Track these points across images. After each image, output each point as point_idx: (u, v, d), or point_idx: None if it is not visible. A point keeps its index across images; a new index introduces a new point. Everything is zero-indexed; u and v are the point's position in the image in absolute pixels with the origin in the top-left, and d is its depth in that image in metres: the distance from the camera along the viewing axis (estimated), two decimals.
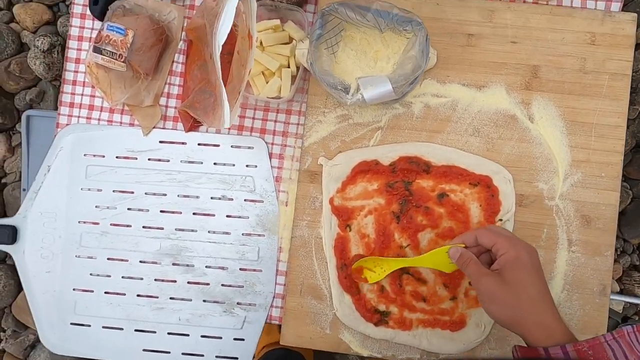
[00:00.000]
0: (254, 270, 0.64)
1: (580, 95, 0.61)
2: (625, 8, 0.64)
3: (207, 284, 0.64)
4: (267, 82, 0.61)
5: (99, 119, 0.66)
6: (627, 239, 1.32)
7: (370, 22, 0.56)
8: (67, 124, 0.67)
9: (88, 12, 0.64)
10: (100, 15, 0.64)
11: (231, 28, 0.54)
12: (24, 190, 1.02)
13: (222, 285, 0.64)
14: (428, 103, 0.62)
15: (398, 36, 0.59)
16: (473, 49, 0.62)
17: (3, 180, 1.37)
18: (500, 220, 0.59)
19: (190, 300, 0.65)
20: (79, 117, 0.67)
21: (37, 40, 1.30)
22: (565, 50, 0.61)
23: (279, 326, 0.63)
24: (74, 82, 0.67)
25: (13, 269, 1.32)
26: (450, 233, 0.59)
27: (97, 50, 0.59)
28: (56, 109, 1.43)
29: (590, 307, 0.59)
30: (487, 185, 0.60)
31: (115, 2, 0.63)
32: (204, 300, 0.64)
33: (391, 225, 0.60)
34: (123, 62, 0.59)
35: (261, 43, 0.60)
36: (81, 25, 0.66)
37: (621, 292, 1.33)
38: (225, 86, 0.53)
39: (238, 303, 0.64)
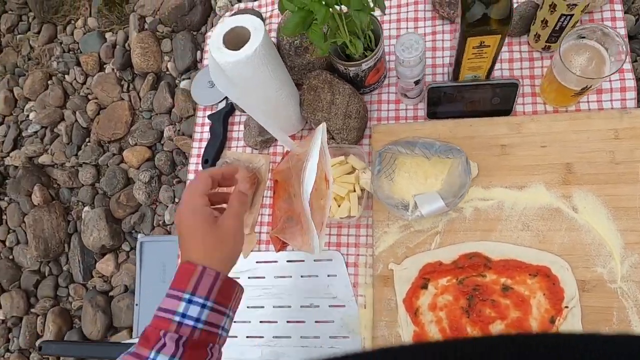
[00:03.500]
0: None
1: (617, 183, 0.67)
2: None
3: None
4: (339, 206, 0.75)
5: None
6: None
7: (418, 154, 0.70)
8: None
9: (200, 168, 0.86)
10: None
11: None
12: (137, 305, 1.21)
13: None
14: (477, 206, 0.72)
15: (442, 158, 0.72)
16: (508, 157, 0.72)
17: (110, 293, 1.59)
18: (567, 307, 0.64)
19: None
20: None
21: (141, 175, 1.61)
22: (592, 146, 0.69)
23: None
24: None
25: None
26: (519, 323, 0.64)
27: None
28: (152, 229, 1.70)
29: None
30: (546, 274, 0.65)
31: (220, 159, 0.84)
32: None
33: (462, 319, 0.67)
34: None
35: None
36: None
37: None
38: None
39: None
